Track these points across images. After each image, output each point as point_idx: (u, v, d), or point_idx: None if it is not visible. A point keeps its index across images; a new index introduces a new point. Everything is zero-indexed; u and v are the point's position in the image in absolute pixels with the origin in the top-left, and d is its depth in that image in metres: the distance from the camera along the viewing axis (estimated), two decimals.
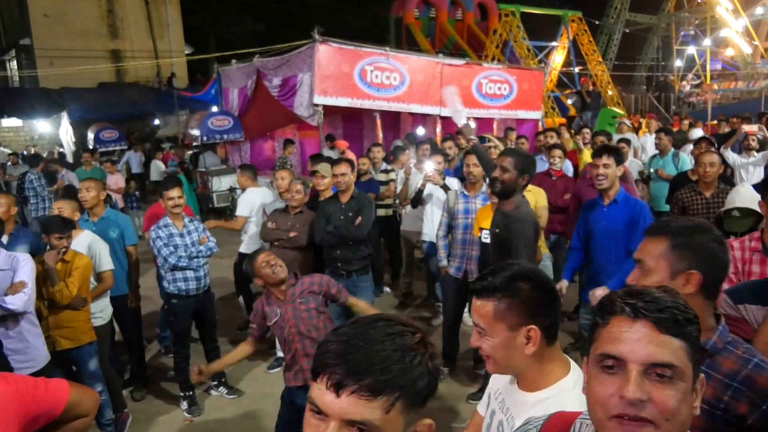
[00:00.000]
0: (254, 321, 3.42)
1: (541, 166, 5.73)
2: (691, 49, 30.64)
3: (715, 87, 24.94)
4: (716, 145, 6.86)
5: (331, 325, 3.32)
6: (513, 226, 3.46)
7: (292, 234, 4.85)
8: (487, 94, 10.50)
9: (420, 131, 10.75)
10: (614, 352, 1.02)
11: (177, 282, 4.48)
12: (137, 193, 11.10)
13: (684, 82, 28.85)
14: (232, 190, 11.43)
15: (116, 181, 10.24)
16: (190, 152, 13.64)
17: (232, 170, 11.97)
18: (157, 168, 12.95)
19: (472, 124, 10.32)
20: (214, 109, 12.64)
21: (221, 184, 11.43)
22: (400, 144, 9.79)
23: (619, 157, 3.97)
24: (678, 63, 30.64)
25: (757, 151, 6.74)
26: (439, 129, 10.86)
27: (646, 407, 0.98)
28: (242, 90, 10.80)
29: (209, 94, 14.15)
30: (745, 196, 3.65)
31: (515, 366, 1.53)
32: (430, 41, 23.98)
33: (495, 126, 11.21)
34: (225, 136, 11.31)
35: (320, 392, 0.93)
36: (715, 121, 14.09)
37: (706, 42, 29.57)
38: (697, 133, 10.29)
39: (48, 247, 3.79)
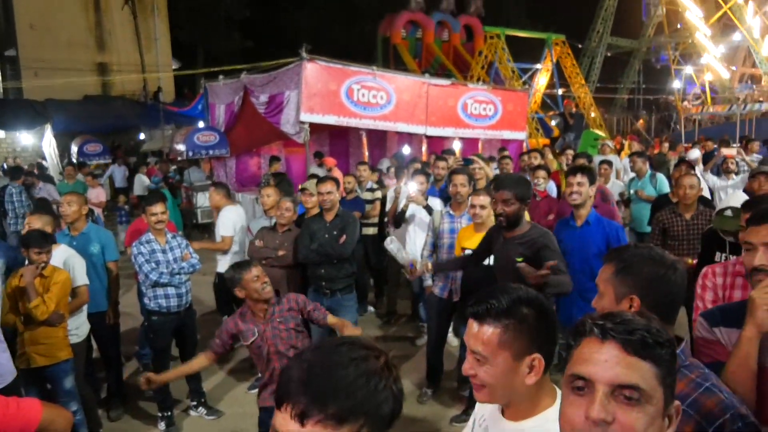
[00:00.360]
0: (219, 337, 3.35)
1: None
2: (687, 70, 31.20)
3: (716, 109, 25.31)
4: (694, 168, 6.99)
5: (309, 343, 3.30)
6: (538, 244, 3.34)
7: (280, 252, 4.80)
8: (472, 114, 10.61)
9: (406, 150, 10.81)
10: (582, 373, 1.03)
11: (158, 299, 4.43)
12: (126, 207, 10.97)
13: (685, 103, 29.33)
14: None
15: (98, 194, 10.13)
16: (175, 167, 13.57)
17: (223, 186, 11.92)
18: (141, 182, 12.86)
19: (458, 144, 10.48)
20: (201, 124, 12.61)
21: (206, 199, 11.34)
22: (388, 163, 9.84)
23: (593, 177, 4.04)
24: (677, 84, 31.12)
25: (736, 173, 6.87)
26: (424, 148, 10.93)
27: (610, 429, 0.98)
28: (229, 106, 10.81)
29: (196, 110, 14.13)
30: (739, 199, 3.68)
31: (511, 396, 1.46)
32: (417, 61, 24.26)
33: (480, 146, 11.32)
34: (211, 152, 11.27)
35: (284, 421, 0.91)
36: (690, 144, 14.35)
37: (688, 69, 30.18)
38: (695, 153, 10.36)
39: (26, 262, 3.73)
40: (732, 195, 4.01)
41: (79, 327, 4.19)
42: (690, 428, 1.46)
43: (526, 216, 4.97)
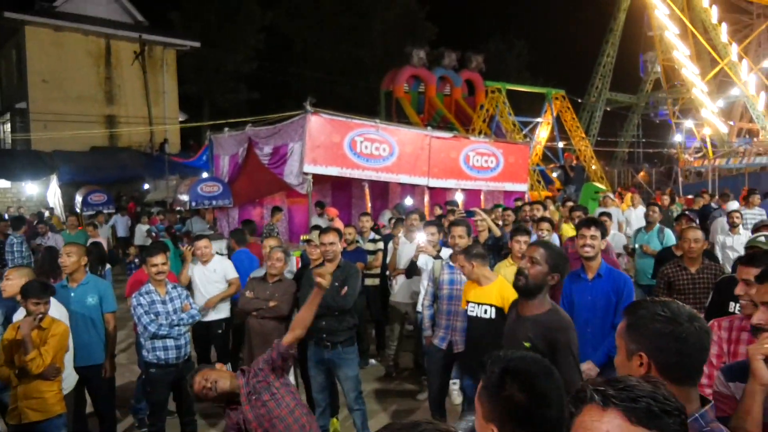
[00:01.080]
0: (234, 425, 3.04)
1: None
2: (688, 123, 31.74)
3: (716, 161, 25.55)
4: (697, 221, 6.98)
5: (294, 400, 3.07)
6: (554, 336, 2.85)
7: (271, 303, 4.72)
8: (474, 166, 10.71)
9: (408, 201, 10.87)
10: None
11: (156, 351, 4.35)
12: (137, 260, 10.62)
13: (686, 156, 29.67)
14: (218, 254, 11.32)
15: None
16: (179, 216, 13.62)
17: (220, 236, 11.93)
18: (142, 232, 12.87)
19: (461, 196, 10.53)
20: (205, 175, 12.73)
21: None
22: (390, 215, 9.87)
23: (604, 231, 4.06)
24: (678, 138, 31.62)
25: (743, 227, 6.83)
26: (426, 199, 10.98)
27: None
28: (233, 157, 10.95)
29: (200, 160, 14.28)
30: None
31: None
32: (419, 115, 24.73)
33: (482, 197, 11.38)
34: (214, 202, 11.34)
35: None
36: (691, 196, 14.41)
37: (688, 123, 30.72)
38: (733, 205, 10.25)
39: (24, 313, 3.68)
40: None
41: (65, 379, 3.98)
42: None
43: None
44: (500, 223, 7.19)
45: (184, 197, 11.47)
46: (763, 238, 3.74)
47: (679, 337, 1.50)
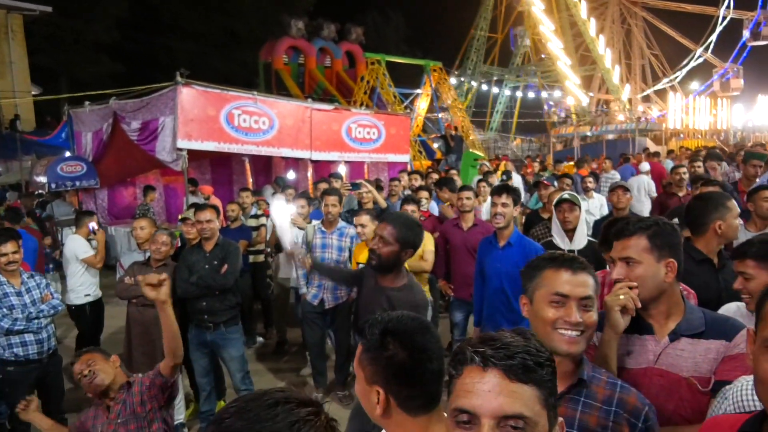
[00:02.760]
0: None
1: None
2: (555, 95, 33.93)
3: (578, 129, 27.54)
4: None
5: None
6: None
7: None
8: (356, 138, 10.73)
9: (291, 175, 10.67)
10: (467, 407, 1.00)
11: (13, 347, 3.95)
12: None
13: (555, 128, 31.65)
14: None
15: None
16: (37, 200, 12.34)
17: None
18: None
19: (344, 168, 10.53)
20: (68, 154, 11.60)
21: None
22: (271, 189, 9.64)
23: (518, 198, 4.04)
24: (545, 108, 33.79)
25: (595, 191, 7.41)
26: (310, 173, 10.88)
27: None
28: (97, 133, 10.05)
29: (59, 138, 12.97)
30: None
31: (376, 422, 1.43)
32: (299, 87, 24.25)
33: (366, 169, 11.47)
34: (77, 183, 10.40)
35: None
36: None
37: (555, 95, 32.97)
38: (645, 167, 10.94)
39: None
40: None
41: None
42: (626, 428, 1.53)
43: (429, 242, 5.09)
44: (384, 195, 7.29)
45: (42, 179, 10.44)
46: (566, 195, 4.07)
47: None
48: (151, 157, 8.69)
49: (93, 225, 5.81)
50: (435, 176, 9.81)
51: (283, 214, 4.93)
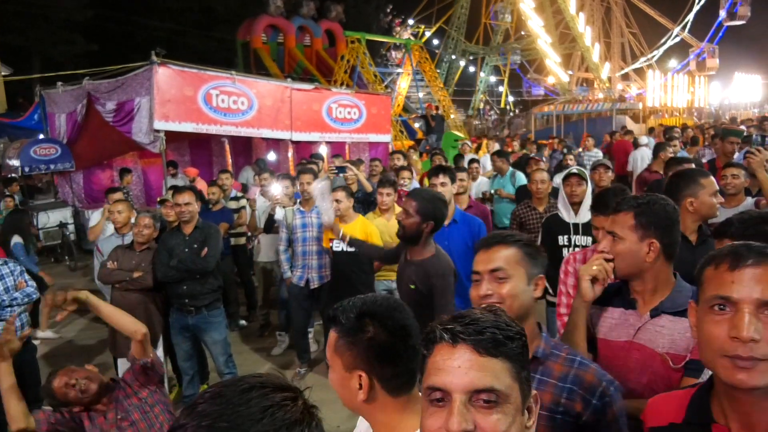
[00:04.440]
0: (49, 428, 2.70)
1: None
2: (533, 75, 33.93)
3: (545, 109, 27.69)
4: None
5: (168, 417, 2.83)
6: (432, 281, 2.99)
7: (136, 274, 4.34)
8: (337, 118, 10.61)
9: (271, 156, 10.55)
10: (438, 384, 1.00)
11: None
12: None
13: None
14: (62, 225, 10.28)
15: None
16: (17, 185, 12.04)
17: (63, 204, 10.80)
18: None
19: (325, 149, 10.44)
20: (41, 136, 11.31)
21: (49, 219, 10.22)
22: (251, 171, 9.52)
23: (453, 176, 4.18)
24: (525, 86, 33.85)
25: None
26: (291, 153, 10.76)
27: None
28: (71, 115, 9.80)
29: (31, 120, 12.63)
30: None
31: (356, 408, 1.41)
32: (279, 66, 23.88)
33: (347, 149, 11.37)
34: (52, 166, 10.17)
35: None
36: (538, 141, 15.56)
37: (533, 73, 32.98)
38: (644, 140, 10.89)
39: None
40: None
41: None
42: (579, 405, 1.54)
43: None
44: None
45: (14, 162, 10.17)
46: (575, 170, 4.12)
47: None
48: (127, 139, 8.52)
49: None
50: (415, 157, 9.77)
51: (324, 195, 4.80)
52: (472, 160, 8.16)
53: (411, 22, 35.01)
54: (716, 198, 2.82)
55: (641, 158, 8.78)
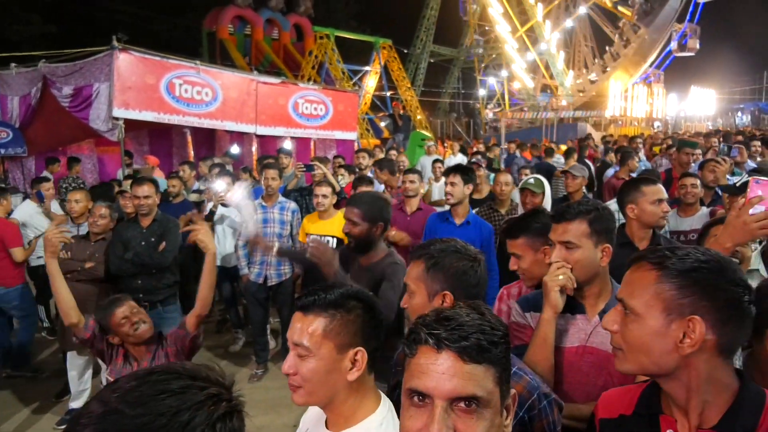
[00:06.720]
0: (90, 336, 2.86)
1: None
2: (491, 80, 34.37)
3: (509, 115, 28.18)
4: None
5: None
6: (383, 281, 2.83)
7: (88, 265, 4.20)
8: (303, 113, 10.52)
9: (235, 149, 10.37)
10: (421, 388, 1.00)
11: None
12: None
13: (487, 110, 32.18)
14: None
15: None
16: None
17: (14, 190, 10.35)
18: None
19: (290, 144, 10.34)
20: None
21: None
22: (219, 161, 9.33)
23: (467, 177, 4.17)
24: (482, 92, 34.20)
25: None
26: (255, 147, 10.59)
27: None
28: (25, 98, 9.40)
29: None
30: None
31: (332, 396, 1.39)
32: (245, 58, 23.53)
33: (312, 146, 11.28)
34: (3, 151, 9.75)
35: None
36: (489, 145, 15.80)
37: (503, 73, 33.43)
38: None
39: None
40: None
41: None
42: None
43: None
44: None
45: None
46: (531, 180, 4.19)
47: (476, 272, 1.77)
48: (84, 126, 8.22)
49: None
50: (381, 155, 9.76)
51: (247, 201, 4.76)
52: (435, 160, 8.23)
53: None
54: (660, 206, 2.80)
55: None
